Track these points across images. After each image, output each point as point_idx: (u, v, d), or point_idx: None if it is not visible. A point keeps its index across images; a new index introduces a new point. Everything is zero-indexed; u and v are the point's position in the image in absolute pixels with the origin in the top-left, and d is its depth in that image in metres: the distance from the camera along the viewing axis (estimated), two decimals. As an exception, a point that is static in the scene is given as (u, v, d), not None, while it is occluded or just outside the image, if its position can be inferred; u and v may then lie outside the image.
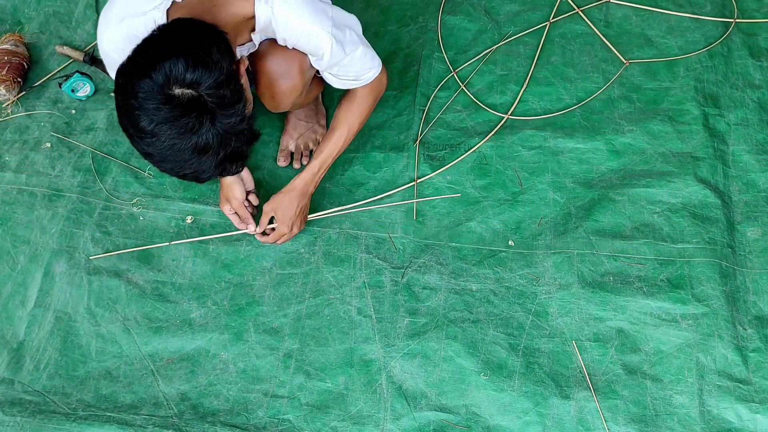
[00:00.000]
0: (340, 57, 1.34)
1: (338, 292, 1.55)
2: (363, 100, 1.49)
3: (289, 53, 1.37)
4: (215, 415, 1.43)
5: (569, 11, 1.87)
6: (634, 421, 1.36)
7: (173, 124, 1.06)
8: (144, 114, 1.05)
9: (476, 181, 1.65)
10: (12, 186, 1.74)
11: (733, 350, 1.40)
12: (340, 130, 1.51)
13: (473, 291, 1.52)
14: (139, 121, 1.06)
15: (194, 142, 1.08)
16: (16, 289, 1.60)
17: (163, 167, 1.13)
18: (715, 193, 1.57)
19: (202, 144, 1.09)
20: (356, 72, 1.41)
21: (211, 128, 1.09)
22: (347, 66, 1.38)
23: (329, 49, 1.31)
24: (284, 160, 1.71)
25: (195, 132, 1.08)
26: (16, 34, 1.95)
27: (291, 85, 1.42)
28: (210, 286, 1.58)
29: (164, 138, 1.07)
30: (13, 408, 1.45)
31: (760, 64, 1.73)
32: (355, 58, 1.37)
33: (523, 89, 1.76)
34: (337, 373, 1.46)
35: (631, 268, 1.51)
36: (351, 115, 1.50)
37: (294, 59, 1.39)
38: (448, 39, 1.86)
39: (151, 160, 1.12)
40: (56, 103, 1.86)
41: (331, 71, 1.41)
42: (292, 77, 1.40)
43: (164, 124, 1.06)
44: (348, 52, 1.34)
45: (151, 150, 1.09)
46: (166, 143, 1.07)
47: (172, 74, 1.05)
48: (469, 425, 1.39)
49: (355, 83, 1.45)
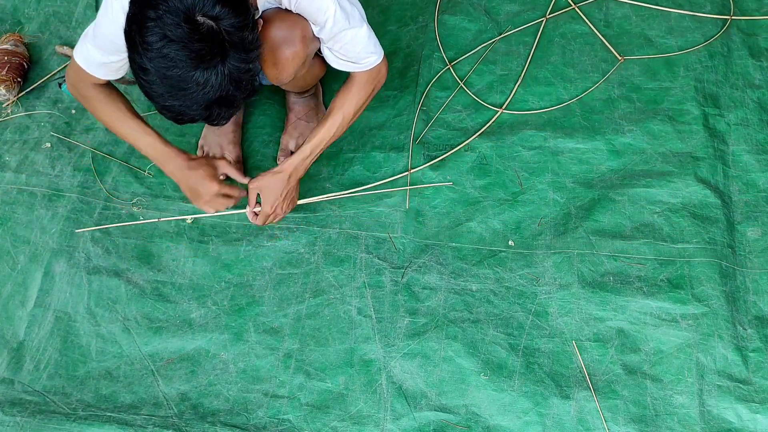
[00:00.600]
0: (343, 27, 1.33)
1: (338, 292, 1.55)
2: (360, 88, 1.47)
3: (292, 20, 1.36)
4: (215, 415, 1.44)
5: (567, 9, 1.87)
6: (634, 421, 1.36)
7: (185, 46, 1.04)
8: (159, 27, 1.03)
9: (476, 181, 1.65)
10: (12, 186, 1.74)
11: (733, 350, 1.41)
12: (334, 117, 1.49)
13: (473, 291, 1.52)
14: (151, 34, 1.03)
15: (198, 72, 1.06)
16: (16, 289, 1.60)
17: (152, 89, 1.09)
18: (715, 193, 1.57)
19: (204, 77, 1.07)
20: (357, 53, 1.40)
21: (219, 64, 1.07)
22: (348, 44, 1.37)
23: (332, 15, 1.31)
24: (285, 159, 1.71)
25: (203, 62, 1.06)
26: (16, 34, 1.95)
27: (294, 51, 1.39)
28: (210, 286, 1.58)
29: (170, 57, 1.04)
30: (13, 408, 1.45)
31: (760, 64, 1.73)
32: (358, 37, 1.37)
33: (518, 84, 1.76)
34: (337, 373, 1.46)
35: (631, 268, 1.51)
36: (347, 103, 1.48)
37: (297, 26, 1.37)
38: (447, 39, 1.86)
39: (142, 77, 1.08)
40: (56, 103, 1.86)
41: (333, 47, 1.40)
42: (294, 44, 1.38)
43: (176, 43, 1.04)
44: (351, 24, 1.34)
45: (150, 66, 1.06)
46: (170, 64, 1.05)
47: (200, 1, 1.03)
48: (469, 425, 1.39)
49: (354, 66, 1.43)
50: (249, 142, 1.77)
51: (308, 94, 1.74)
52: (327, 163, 1.70)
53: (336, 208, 1.65)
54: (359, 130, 1.75)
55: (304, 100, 1.73)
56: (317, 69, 1.60)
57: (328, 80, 1.77)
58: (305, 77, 1.57)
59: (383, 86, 1.52)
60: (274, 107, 1.81)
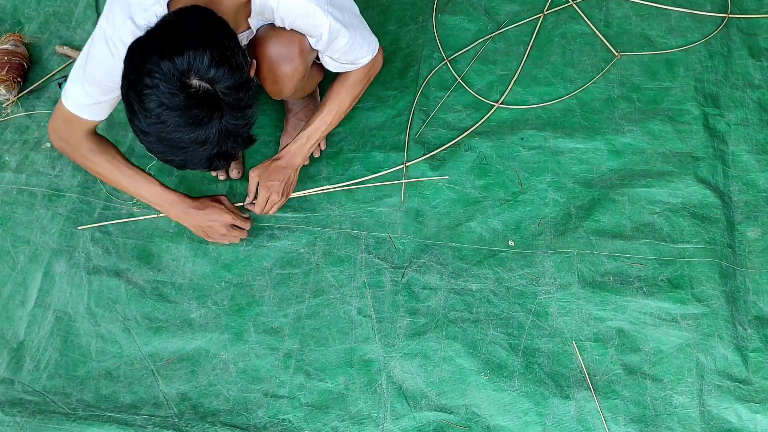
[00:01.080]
0: (338, 36, 1.34)
1: (338, 292, 1.55)
2: (356, 75, 1.49)
3: (288, 36, 1.37)
4: (215, 415, 1.44)
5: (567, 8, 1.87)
6: (634, 421, 1.36)
7: (183, 113, 1.06)
8: (155, 95, 1.04)
9: (476, 181, 1.65)
10: (12, 186, 1.74)
11: (733, 350, 1.41)
12: (330, 107, 1.51)
13: (473, 291, 1.52)
14: (148, 101, 1.05)
15: (197, 134, 1.08)
16: (16, 289, 1.60)
17: (153, 147, 1.12)
18: (715, 193, 1.57)
19: (203, 137, 1.09)
20: (354, 56, 1.42)
21: (216, 124, 1.09)
22: (346, 50, 1.38)
23: (327, 28, 1.31)
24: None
25: (200, 125, 1.08)
26: (16, 34, 1.95)
27: (292, 67, 1.40)
28: (210, 286, 1.58)
29: (168, 124, 1.06)
30: (13, 408, 1.45)
31: (760, 64, 1.73)
32: (354, 42, 1.38)
33: (515, 78, 1.76)
34: (337, 373, 1.46)
35: (631, 268, 1.51)
36: (342, 92, 1.50)
37: (294, 42, 1.38)
38: (448, 39, 1.86)
39: (143, 138, 1.11)
40: (56, 103, 1.86)
41: (331, 55, 1.41)
42: (292, 60, 1.39)
43: (173, 110, 1.05)
44: (347, 32, 1.34)
45: (150, 130, 1.08)
46: (168, 129, 1.07)
47: (195, 65, 1.04)
48: (469, 425, 1.39)
49: (353, 67, 1.45)
50: (249, 142, 1.77)
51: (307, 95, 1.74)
52: (327, 163, 1.71)
53: (336, 208, 1.65)
54: (359, 130, 1.75)
55: (302, 101, 1.74)
56: (315, 77, 1.61)
57: (326, 82, 1.77)
58: (304, 87, 1.60)
59: (383, 86, 1.52)
60: (274, 107, 1.81)
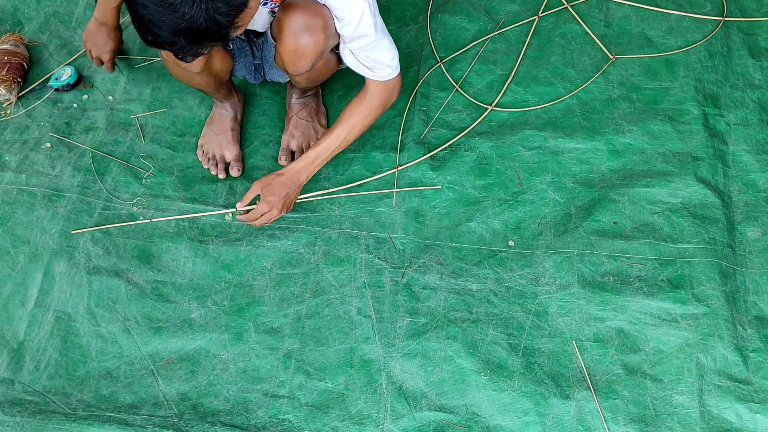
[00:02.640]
0: (367, 31, 1.36)
1: (338, 292, 1.55)
2: (371, 101, 1.50)
3: (316, 9, 1.38)
4: (215, 415, 1.43)
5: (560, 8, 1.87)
6: (634, 421, 1.36)
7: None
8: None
9: (476, 181, 1.65)
10: (12, 186, 1.74)
11: (733, 350, 1.40)
12: (341, 128, 1.52)
13: (473, 291, 1.52)
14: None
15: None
16: (16, 289, 1.60)
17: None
18: (715, 193, 1.57)
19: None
20: (375, 60, 1.43)
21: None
22: (369, 48, 1.39)
23: (361, 14, 1.33)
24: (285, 159, 1.71)
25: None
26: (16, 34, 1.95)
27: (315, 40, 1.40)
28: (210, 286, 1.58)
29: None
30: (13, 408, 1.45)
31: (760, 64, 1.73)
32: (380, 45, 1.39)
33: (510, 80, 1.76)
34: (337, 373, 1.46)
35: (631, 268, 1.51)
36: (356, 115, 1.51)
37: (320, 15, 1.38)
38: (448, 39, 1.87)
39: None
40: (56, 103, 1.86)
41: (353, 48, 1.41)
42: (316, 32, 1.39)
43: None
44: (376, 31, 1.36)
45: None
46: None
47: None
48: (469, 425, 1.39)
49: (370, 73, 1.46)
50: (249, 142, 1.77)
51: (308, 94, 1.74)
52: (327, 163, 1.70)
53: (336, 208, 1.65)
54: (359, 130, 1.75)
55: (304, 100, 1.74)
56: (332, 65, 1.60)
57: (328, 82, 1.77)
58: (319, 72, 1.57)
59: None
60: (274, 107, 1.81)
